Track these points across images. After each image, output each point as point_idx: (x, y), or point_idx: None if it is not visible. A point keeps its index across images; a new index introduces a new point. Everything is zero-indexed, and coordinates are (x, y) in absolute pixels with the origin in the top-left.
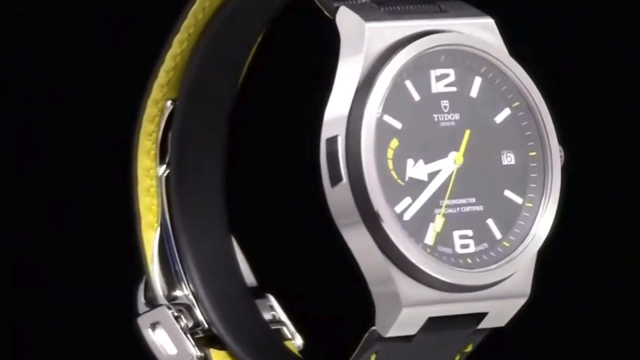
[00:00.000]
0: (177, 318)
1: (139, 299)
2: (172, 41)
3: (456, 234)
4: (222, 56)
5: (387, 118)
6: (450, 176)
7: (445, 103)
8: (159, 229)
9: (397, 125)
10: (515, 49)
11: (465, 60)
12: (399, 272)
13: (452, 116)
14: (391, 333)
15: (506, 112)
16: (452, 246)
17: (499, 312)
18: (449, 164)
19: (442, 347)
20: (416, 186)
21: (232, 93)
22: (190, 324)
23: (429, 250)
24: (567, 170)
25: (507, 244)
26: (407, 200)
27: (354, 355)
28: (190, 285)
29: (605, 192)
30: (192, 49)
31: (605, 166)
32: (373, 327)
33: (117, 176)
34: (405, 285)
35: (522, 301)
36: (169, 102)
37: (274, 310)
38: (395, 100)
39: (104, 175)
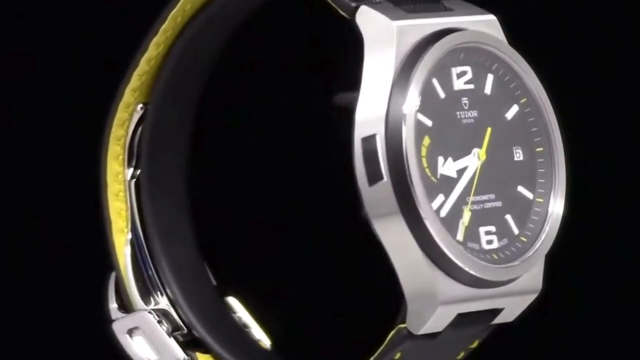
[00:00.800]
0: (159, 323)
1: (109, 305)
2: (148, 44)
3: (482, 230)
4: (195, 59)
5: (420, 116)
6: (475, 173)
7: (465, 100)
8: (129, 234)
9: (428, 123)
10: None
11: (480, 58)
12: (436, 269)
13: (471, 113)
14: (423, 330)
15: (515, 108)
16: (479, 242)
17: (513, 308)
18: (474, 160)
19: (457, 344)
20: (447, 183)
21: (199, 96)
22: (170, 329)
23: (462, 246)
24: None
25: (525, 240)
26: (441, 197)
27: (378, 353)
28: (167, 290)
29: (600, 188)
30: (167, 52)
31: (600, 162)
32: (401, 325)
33: (86, 182)
34: (443, 282)
35: (534, 297)
36: (139, 106)
37: (237, 312)
38: (426, 99)
39: (73, 180)
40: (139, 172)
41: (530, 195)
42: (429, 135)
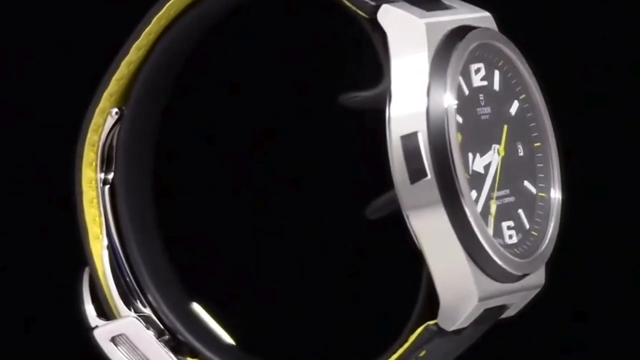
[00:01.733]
0: (147, 329)
1: (87, 312)
2: (129, 48)
3: (504, 225)
4: (174, 62)
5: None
6: (497, 169)
7: (481, 97)
8: (105, 240)
9: (460, 119)
10: None
11: (489, 54)
12: (474, 266)
13: (487, 109)
14: (455, 326)
15: (515, 104)
16: (503, 237)
17: (520, 302)
18: (495, 156)
19: (470, 340)
20: (478, 179)
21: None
22: (156, 335)
23: (495, 242)
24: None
25: (536, 234)
26: (474, 193)
27: (404, 350)
28: (148, 296)
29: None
30: (146, 56)
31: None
32: (430, 322)
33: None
34: (480, 279)
35: (537, 291)
36: (114, 111)
37: (201, 317)
38: (456, 96)
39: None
40: (111, 176)
41: (534, 190)
42: (460, 131)
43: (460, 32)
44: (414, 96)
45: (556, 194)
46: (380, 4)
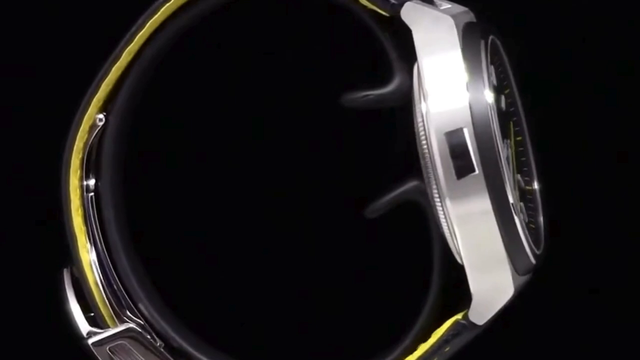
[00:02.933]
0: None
1: (77, 322)
2: (121, 53)
3: (517, 219)
4: (153, 66)
5: None
6: (510, 162)
7: (490, 90)
8: (93, 249)
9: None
10: None
11: (492, 50)
12: (509, 260)
13: (495, 104)
14: (485, 320)
15: (503, 99)
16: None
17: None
18: (507, 150)
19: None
20: (506, 172)
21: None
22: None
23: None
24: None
25: (533, 227)
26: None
27: (429, 347)
28: (139, 304)
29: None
30: (133, 61)
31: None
32: (458, 318)
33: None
34: (513, 273)
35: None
36: (99, 117)
37: None
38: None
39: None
40: (93, 182)
41: (522, 183)
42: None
43: (474, 28)
44: (453, 92)
45: (539, 187)
46: (404, 2)
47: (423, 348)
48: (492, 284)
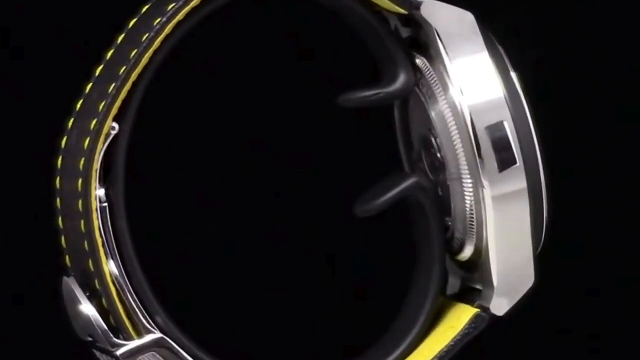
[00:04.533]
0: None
1: (103, 334)
2: (140, 59)
3: None
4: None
5: None
6: None
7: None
8: (111, 260)
9: None
10: None
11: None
12: (533, 251)
13: None
14: (504, 311)
15: None
16: None
17: None
18: None
19: None
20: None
21: None
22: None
23: None
24: None
25: None
26: None
27: (453, 340)
28: (157, 317)
29: None
30: (147, 67)
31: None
32: (478, 311)
33: None
34: (535, 263)
35: None
36: (112, 126)
37: None
38: None
39: None
40: (103, 192)
41: None
42: None
43: (479, 24)
44: (487, 86)
45: None
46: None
47: (443, 342)
48: (515, 274)
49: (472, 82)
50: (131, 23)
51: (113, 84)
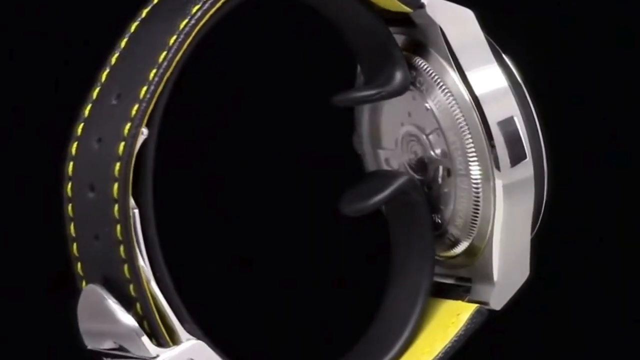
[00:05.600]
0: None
1: (142, 341)
2: (172, 63)
3: None
4: None
5: None
6: None
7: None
8: (147, 268)
9: None
10: None
11: None
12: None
13: None
14: (502, 305)
15: None
16: None
17: None
18: None
19: None
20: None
21: None
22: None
23: None
24: None
25: None
26: None
27: (456, 336)
28: (185, 324)
29: None
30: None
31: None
32: (479, 306)
33: None
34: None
35: None
36: (143, 131)
37: None
38: None
39: None
40: (147, 202)
41: None
42: None
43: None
44: (495, 82)
45: None
46: None
47: (445, 339)
48: (513, 266)
49: (480, 79)
50: (134, 26)
51: (145, 88)
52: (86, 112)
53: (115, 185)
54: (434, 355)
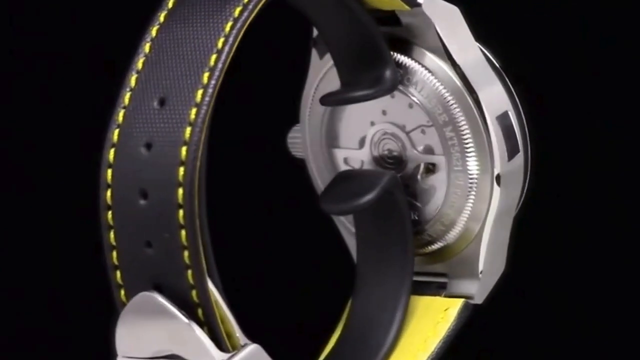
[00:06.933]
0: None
1: (207, 348)
2: (227, 61)
3: None
4: None
5: None
6: None
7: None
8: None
9: None
10: None
11: None
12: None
13: None
14: (484, 299)
15: None
16: None
17: None
18: None
19: None
20: None
21: None
22: None
23: None
24: None
25: None
26: None
27: (448, 331)
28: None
29: None
30: None
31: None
32: (465, 301)
33: None
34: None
35: None
36: None
37: None
38: None
39: None
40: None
41: None
42: None
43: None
44: (488, 78)
45: None
46: None
47: (437, 337)
48: (495, 259)
49: (474, 75)
50: (154, 30)
51: (201, 91)
52: (120, 118)
53: (180, 191)
54: (430, 352)
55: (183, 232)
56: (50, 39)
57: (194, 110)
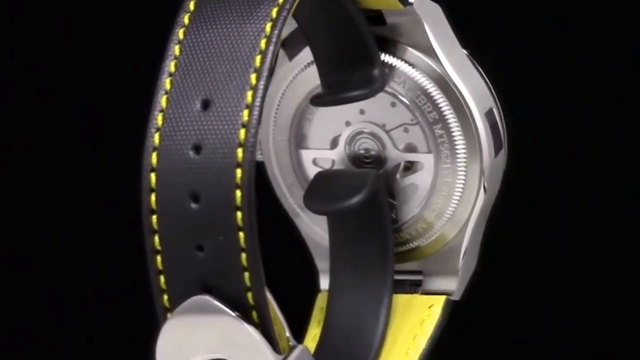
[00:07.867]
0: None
1: (263, 351)
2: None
3: None
4: None
5: None
6: None
7: None
8: None
9: None
10: None
11: None
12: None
13: None
14: (460, 295)
15: None
16: None
17: None
18: None
19: None
20: None
21: None
22: None
23: None
24: None
25: None
26: None
27: (435, 328)
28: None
29: None
30: None
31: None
32: (447, 297)
33: None
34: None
35: None
36: None
37: None
38: None
39: None
40: None
41: None
42: None
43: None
44: (472, 76)
45: None
46: None
47: (426, 335)
48: (471, 255)
49: (462, 73)
50: (181, 32)
51: (251, 92)
52: (159, 121)
53: (238, 193)
54: (420, 350)
55: (241, 234)
56: (51, 39)
57: (246, 112)
